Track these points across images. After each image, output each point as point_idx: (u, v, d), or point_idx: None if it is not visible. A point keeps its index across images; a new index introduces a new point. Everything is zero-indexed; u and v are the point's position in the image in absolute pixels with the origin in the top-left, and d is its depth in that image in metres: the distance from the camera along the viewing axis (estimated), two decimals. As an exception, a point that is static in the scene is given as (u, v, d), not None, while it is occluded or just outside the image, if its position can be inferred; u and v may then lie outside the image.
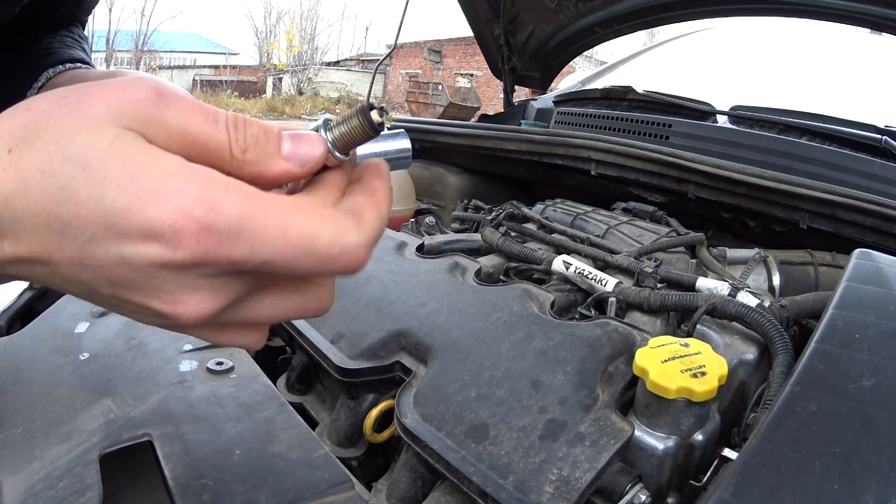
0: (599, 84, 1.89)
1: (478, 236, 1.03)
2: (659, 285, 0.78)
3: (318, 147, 0.31)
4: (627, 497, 0.49)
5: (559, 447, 0.51)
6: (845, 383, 0.46)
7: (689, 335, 0.69)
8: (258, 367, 0.70)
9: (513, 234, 1.03)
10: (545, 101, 1.89)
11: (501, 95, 2.16)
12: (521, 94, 2.45)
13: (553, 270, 0.87)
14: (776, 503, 0.37)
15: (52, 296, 0.89)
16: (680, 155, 1.08)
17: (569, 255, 0.88)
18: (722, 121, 1.35)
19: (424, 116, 12.09)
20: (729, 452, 0.51)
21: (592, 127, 1.49)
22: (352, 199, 0.31)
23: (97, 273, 0.27)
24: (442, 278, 0.82)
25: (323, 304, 0.33)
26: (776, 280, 0.89)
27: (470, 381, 0.61)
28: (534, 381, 0.59)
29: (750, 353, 0.65)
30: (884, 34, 1.69)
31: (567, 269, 0.84)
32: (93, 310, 0.79)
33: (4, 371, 0.67)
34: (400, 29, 1.98)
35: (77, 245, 0.27)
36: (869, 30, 1.72)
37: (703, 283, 0.77)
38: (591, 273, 0.81)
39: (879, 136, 1.12)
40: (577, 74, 2.33)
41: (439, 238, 1.02)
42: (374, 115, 0.30)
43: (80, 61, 0.62)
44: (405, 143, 0.31)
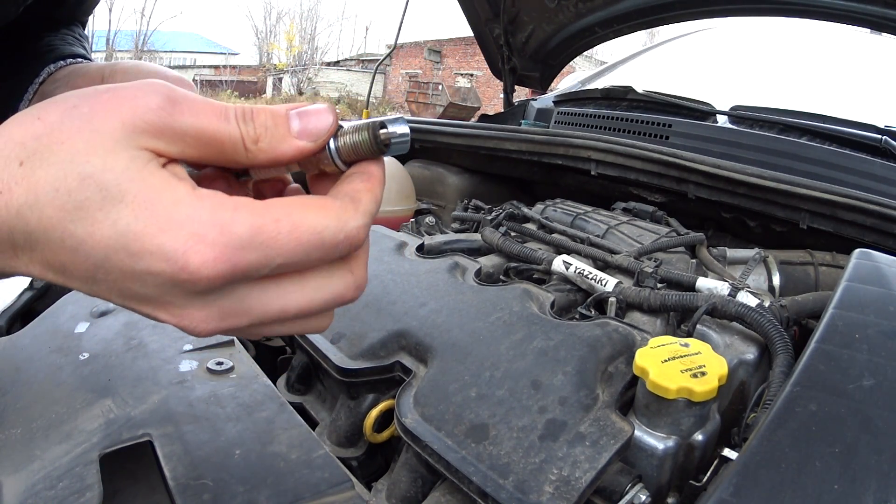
0: (599, 84, 1.89)
1: (478, 236, 1.03)
2: (659, 285, 0.78)
3: (327, 117, 0.32)
4: (627, 497, 0.49)
5: (559, 447, 0.51)
6: (845, 383, 0.46)
7: (689, 335, 0.69)
8: (258, 367, 0.70)
9: (513, 234, 1.03)
10: (545, 101, 1.89)
11: (501, 95, 2.16)
12: (521, 94, 2.45)
13: (553, 270, 0.87)
14: (776, 503, 0.37)
15: (52, 296, 0.89)
16: (680, 155, 1.08)
17: (569, 255, 0.88)
18: (722, 121, 1.35)
19: (424, 116, 12.08)
20: (729, 452, 0.51)
21: (592, 127, 1.49)
22: (350, 185, 0.32)
23: (109, 287, 0.29)
24: (442, 278, 0.82)
25: (361, 280, 0.34)
26: (776, 280, 0.89)
27: (470, 381, 0.61)
28: (534, 381, 0.59)
29: (750, 353, 0.65)
30: (884, 34, 1.69)
31: (567, 269, 0.84)
32: (93, 310, 0.79)
33: (4, 371, 0.67)
34: (400, 29, 1.98)
35: (90, 262, 0.28)
36: (869, 30, 1.72)
37: (703, 283, 0.77)
38: (591, 273, 0.81)
39: (879, 136, 1.12)
40: (577, 74, 2.33)
41: (439, 238, 1.02)
42: (383, 133, 0.31)
43: (81, 57, 0.62)
44: (404, 128, 0.32)
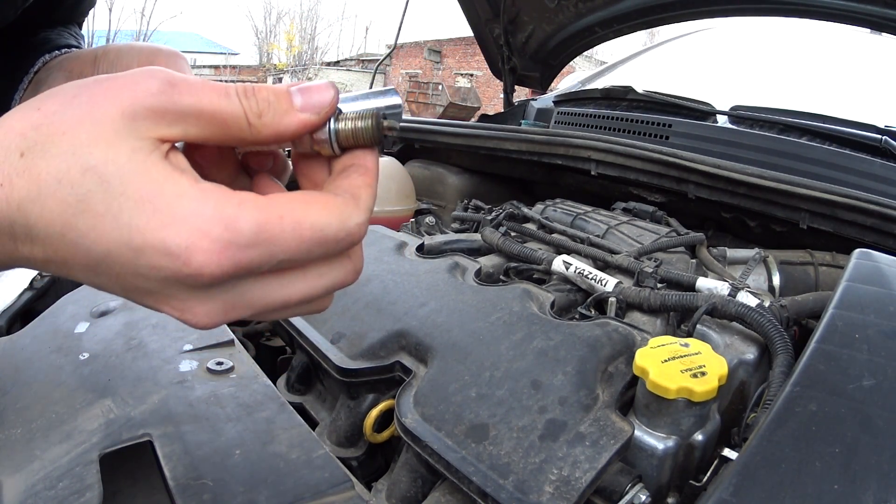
0: (599, 84, 1.89)
1: (478, 236, 1.03)
2: (659, 285, 0.78)
3: (328, 91, 0.32)
4: (627, 497, 0.49)
5: (559, 447, 0.51)
6: (845, 383, 0.46)
7: (689, 335, 0.68)
8: (258, 367, 0.70)
9: (513, 234, 1.03)
10: (545, 101, 1.89)
11: (501, 95, 2.16)
12: (521, 94, 2.45)
13: (553, 270, 0.87)
14: (776, 503, 0.37)
15: (52, 296, 0.89)
16: (680, 155, 1.08)
17: (569, 255, 0.88)
18: (722, 121, 1.35)
19: (424, 116, 12.08)
20: (729, 452, 0.51)
21: (592, 127, 1.49)
22: (349, 180, 0.33)
23: (112, 279, 0.29)
24: (442, 278, 0.82)
25: (359, 264, 0.34)
26: (776, 280, 0.89)
27: (470, 381, 0.61)
28: (534, 381, 0.59)
29: (750, 353, 0.65)
30: (884, 34, 1.68)
31: (567, 269, 0.84)
32: (93, 310, 0.79)
33: (4, 371, 0.67)
34: (400, 29, 1.98)
35: (93, 255, 0.27)
36: (869, 30, 1.72)
37: (703, 283, 0.77)
38: (591, 273, 0.81)
39: (879, 136, 1.12)
40: (577, 74, 2.33)
41: (439, 238, 1.02)
42: (387, 124, 0.31)
43: (77, 48, 0.62)
44: (396, 100, 0.32)
